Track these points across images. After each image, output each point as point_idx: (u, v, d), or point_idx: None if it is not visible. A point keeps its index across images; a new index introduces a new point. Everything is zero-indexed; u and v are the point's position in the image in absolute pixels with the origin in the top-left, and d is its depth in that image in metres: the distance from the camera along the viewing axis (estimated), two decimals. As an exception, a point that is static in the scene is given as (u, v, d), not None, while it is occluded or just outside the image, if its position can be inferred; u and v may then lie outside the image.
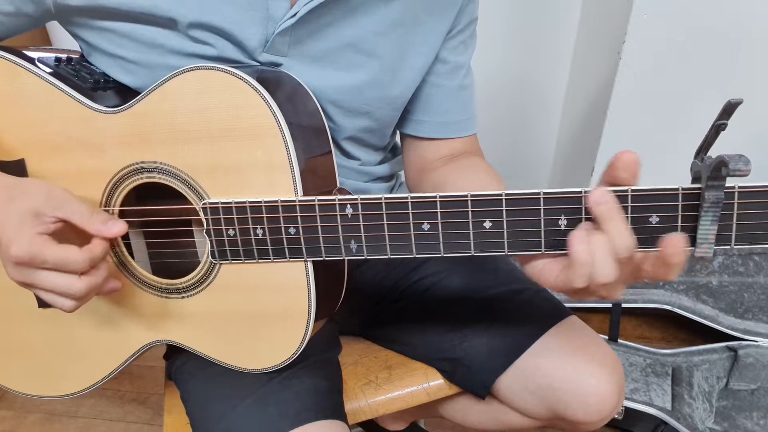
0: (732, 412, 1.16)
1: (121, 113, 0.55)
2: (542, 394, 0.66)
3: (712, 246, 0.42)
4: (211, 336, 0.60)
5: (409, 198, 0.48)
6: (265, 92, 0.50)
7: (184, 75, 0.52)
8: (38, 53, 0.59)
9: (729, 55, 1.08)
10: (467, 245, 0.48)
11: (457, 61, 0.69)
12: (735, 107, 0.41)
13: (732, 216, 0.42)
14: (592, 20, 1.28)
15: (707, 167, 0.40)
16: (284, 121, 0.50)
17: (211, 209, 0.54)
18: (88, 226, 0.51)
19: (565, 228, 0.45)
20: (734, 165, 0.38)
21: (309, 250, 0.52)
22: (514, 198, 0.45)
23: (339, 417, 0.62)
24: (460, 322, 0.71)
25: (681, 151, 1.19)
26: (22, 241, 0.48)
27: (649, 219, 0.43)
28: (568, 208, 0.45)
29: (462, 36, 0.68)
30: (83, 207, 0.51)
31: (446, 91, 0.70)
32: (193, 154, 0.54)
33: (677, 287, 1.24)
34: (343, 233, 0.51)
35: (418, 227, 0.48)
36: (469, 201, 0.46)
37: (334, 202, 0.50)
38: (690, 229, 0.43)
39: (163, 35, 0.55)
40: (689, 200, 0.42)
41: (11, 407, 1.38)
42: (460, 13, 0.66)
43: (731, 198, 0.41)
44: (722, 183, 0.40)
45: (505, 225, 0.46)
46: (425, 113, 0.71)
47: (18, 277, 0.50)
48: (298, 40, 0.58)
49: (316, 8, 0.55)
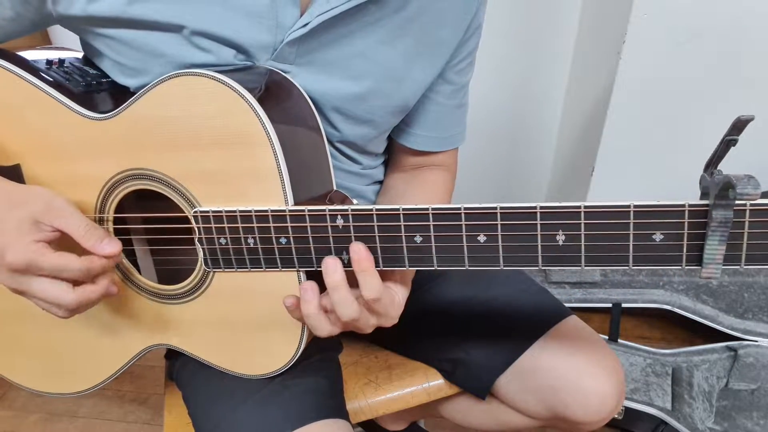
0: (732, 412, 1.16)
1: (110, 119, 0.54)
2: (542, 394, 0.66)
3: (719, 266, 0.40)
4: (208, 341, 0.60)
5: (401, 210, 0.46)
6: (252, 99, 0.49)
7: (170, 81, 0.51)
8: (30, 56, 0.59)
9: (729, 55, 1.08)
10: (461, 259, 0.46)
11: (462, 81, 0.70)
12: (745, 124, 0.38)
13: (743, 235, 0.39)
14: (592, 20, 1.28)
15: (715, 185, 0.38)
16: (272, 129, 0.49)
17: (202, 217, 0.53)
18: (83, 241, 0.50)
19: (563, 243, 0.43)
20: (741, 188, 0.36)
21: (300, 260, 0.51)
22: (510, 212, 0.44)
23: (341, 416, 0.62)
24: (459, 323, 0.72)
25: (681, 151, 1.19)
26: (19, 248, 0.47)
27: (652, 236, 0.41)
28: (565, 223, 0.43)
29: (470, 58, 0.69)
30: (82, 220, 0.51)
31: (445, 109, 0.70)
32: (183, 162, 0.53)
33: (677, 287, 1.24)
34: (334, 244, 0.49)
35: (410, 239, 0.47)
36: (462, 214, 0.45)
37: (324, 212, 0.48)
38: (697, 247, 0.41)
39: (165, 43, 0.55)
40: (696, 217, 0.40)
41: (11, 407, 1.38)
42: (468, 34, 0.66)
43: (742, 216, 0.39)
44: (731, 203, 0.38)
45: (500, 239, 0.45)
46: (419, 127, 0.71)
47: (11, 284, 0.50)
48: (308, 50, 0.57)
49: (329, 20, 0.54)
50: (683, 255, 0.41)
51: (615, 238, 0.42)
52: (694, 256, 0.41)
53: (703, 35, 1.06)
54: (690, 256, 0.41)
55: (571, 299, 1.27)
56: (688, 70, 1.11)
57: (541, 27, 1.35)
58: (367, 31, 0.58)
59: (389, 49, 0.60)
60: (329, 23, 0.55)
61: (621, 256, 0.43)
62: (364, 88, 0.60)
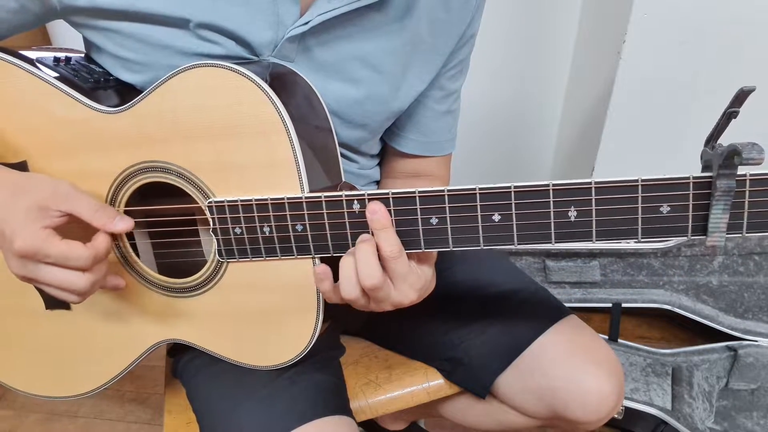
0: (732, 411, 1.16)
1: (122, 113, 0.55)
2: (541, 394, 0.66)
3: (723, 234, 0.42)
4: (220, 334, 0.60)
5: (417, 192, 0.48)
6: (269, 89, 0.50)
7: (185, 73, 0.52)
8: (37, 53, 0.59)
9: (729, 55, 1.08)
10: (476, 239, 0.48)
11: (452, 87, 0.71)
12: (747, 95, 0.40)
13: (744, 204, 0.41)
14: (592, 20, 1.28)
15: (719, 155, 0.40)
16: (289, 118, 0.50)
17: (217, 208, 0.53)
18: (94, 220, 0.51)
19: (575, 219, 0.45)
20: (747, 153, 0.38)
21: (317, 247, 0.52)
22: (523, 190, 0.45)
23: (346, 413, 0.62)
24: (459, 322, 0.72)
25: (681, 150, 1.19)
26: (27, 235, 0.48)
27: (659, 209, 0.43)
28: (577, 199, 0.44)
29: (461, 66, 0.70)
30: (90, 201, 0.51)
31: (435, 114, 0.71)
32: (197, 153, 0.53)
33: (677, 287, 1.24)
34: (350, 229, 0.51)
35: (426, 222, 0.48)
36: (477, 194, 0.46)
37: (341, 198, 0.50)
38: (701, 218, 0.43)
39: (171, 36, 0.55)
40: (700, 189, 0.42)
41: (11, 407, 1.39)
42: (462, 41, 0.66)
43: (743, 186, 0.41)
44: (734, 171, 0.40)
45: (514, 218, 0.46)
46: (410, 131, 0.72)
47: (20, 271, 0.50)
48: (307, 48, 0.58)
49: (329, 20, 0.55)
50: (689, 225, 0.44)
51: (624, 212, 0.44)
52: (699, 226, 0.43)
53: (704, 35, 1.07)
54: (695, 226, 0.44)
55: (571, 299, 1.27)
56: (688, 70, 1.11)
57: (541, 27, 1.35)
58: (367, 36, 0.59)
59: (388, 55, 0.60)
60: (329, 24, 0.56)
61: (630, 229, 0.45)
62: (362, 92, 0.61)
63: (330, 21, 0.55)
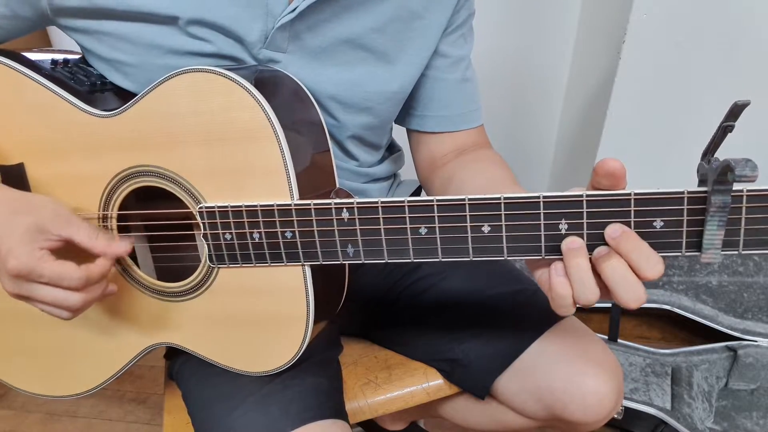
0: (731, 411, 1.16)
1: (116, 117, 0.55)
2: (540, 395, 0.66)
3: (718, 251, 0.40)
4: (211, 339, 0.60)
5: (405, 202, 0.47)
6: (258, 95, 0.50)
7: (177, 77, 0.52)
8: (35, 56, 0.59)
9: (729, 55, 1.08)
10: (465, 250, 0.47)
11: (458, 54, 0.70)
12: (742, 109, 0.39)
13: (740, 220, 0.40)
14: (592, 20, 1.28)
15: (713, 170, 0.38)
16: (279, 124, 0.50)
17: (208, 213, 0.53)
18: (93, 247, 0.51)
19: (566, 232, 0.44)
20: (740, 171, 0.36)
21: (306, 254, 0.52)
22: (513, 202, 0.44)
23: (340, 416, 0.62)
24: (459, 323, 0.72)
25: (681, 150, 1.19)
26: (21, 254, 0.48)
27: (652, 223, 0.42)
28: (568, 212, 0.43)
29: (461, 30, 0.69)
30: (89, 228, 0.52)
31: (448, 84, 0.70)
32: (189, 158, 0.53)
33: (677, 287, 1.24)
34: (339, 237, 0.50)
35: (415, 231, 0.48)
36: (467, 205, 0.45)
37: (330, 206, 0.49)
38: (696, 234, 0.41)
39: (161, 34, 0.55)
40: (695, 204, 0.41)
41: (11, 407, 1.39)
42: (458, 8, 0.67)
43: (739, 202, 0.40)
44: (729, 187, 0.38)
45: (504, 229, 0.45)
46: (428, 108, 0.71)
47: (13, 290, 0.50)
48: (297, 36, 0.58)
49: (315, 3, 0.56)
50: (683, 241, 0.42)
51: None
52: (694, 242, 0.42)
53: (703, 35, 1.06)
54: (690, 242, 0.42)
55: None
56: (688, 70, 1.11)
57: (541, 27, 1.35)
58: (355, 16, 0.59)
59: (377, 33, 0.61)
60: (316, 6, 0.56)
61: None
62: (357, 74, 0.61)
63: (316, 4, 0.56)
